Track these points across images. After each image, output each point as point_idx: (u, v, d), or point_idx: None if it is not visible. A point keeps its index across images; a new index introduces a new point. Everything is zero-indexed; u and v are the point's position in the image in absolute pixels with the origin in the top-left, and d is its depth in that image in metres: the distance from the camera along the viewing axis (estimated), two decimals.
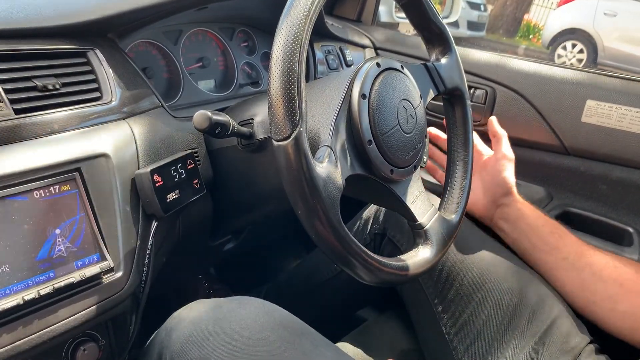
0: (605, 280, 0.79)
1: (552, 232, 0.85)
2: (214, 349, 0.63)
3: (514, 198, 0.90)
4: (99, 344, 0.65)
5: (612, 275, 0.79)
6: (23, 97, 0.62)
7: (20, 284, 0.55)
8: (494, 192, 0.91)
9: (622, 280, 0.78)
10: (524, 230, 0.88)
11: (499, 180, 0.90)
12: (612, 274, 0.79)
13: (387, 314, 1.00)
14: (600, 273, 0.80)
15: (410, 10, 0.77)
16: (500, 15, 8.10)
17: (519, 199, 0.90)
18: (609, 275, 0.79)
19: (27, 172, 0.57)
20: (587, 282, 0.80)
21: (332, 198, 0.55)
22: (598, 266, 0.80)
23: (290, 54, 0.53)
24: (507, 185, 0.90)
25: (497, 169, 0.91)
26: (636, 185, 1.06)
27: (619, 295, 0.77)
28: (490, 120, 0.97)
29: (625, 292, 0.77)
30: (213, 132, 0.68)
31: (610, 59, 6.01)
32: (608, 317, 0.79)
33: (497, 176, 0.91)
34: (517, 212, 0.89)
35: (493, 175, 0.91)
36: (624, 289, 0.77)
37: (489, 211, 0.92)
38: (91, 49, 0.73)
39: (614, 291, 0.78)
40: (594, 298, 0.80)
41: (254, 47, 1.10)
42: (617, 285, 0.78)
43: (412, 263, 0.66)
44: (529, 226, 0.87)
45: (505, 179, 0.90)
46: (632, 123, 1.04)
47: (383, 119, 0.64)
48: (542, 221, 0.87)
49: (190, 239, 0.85)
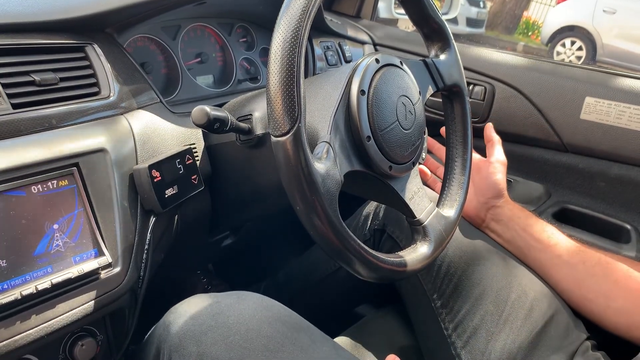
0: (599, 278, 0.79)
1: (544, 230, 0.86)
2: (212, 343, 0.63)
3: (505, 200, 0.91)
4: (97, 339, 0.65)
5: (605, 272, 0.79)
6: (21, 91, 0.62)
7: (18, 278, 0.55)
8: (485, 194, 0.92)
9: (616, 277, 0.78)
10: (516, 230, 0.88)
11: (491, 182, 0.91)
12: (606, 271, 0.79)
13: (385, 309, 1.00)
14: (593, 270, 0.80)
15: (410, 7, 0.77)
16: (500, 12, 8.10)
17: (510, 201, 0.91)
18: (603, 273, 0.79)
19: (24, 167, 0.57)
20: (582, 280, 0.81)
21: (331, 194, 0.55)
22: (591, 263, 0.81)
23: (289, 49, 0.52)
24: (498, 187, 0.91)
25: (489, 171, 0.91)
26: (634, 183, 1.06)
27: (613, 292, 0.78)
28: (486, 126, 0.97)
29: (620, 289, 0.77)
30: (211, 127, 0.68)
31: (609, 57, 6.02)
32: (603, 313, 0.79)
33: (489, 178, 0.91)
34: (509, 212, 0.90)
35: (486, 177, 0.92)
36: (618, 286, 0.77)
37: (480, 212, 0.93)
38: (89, 44, 0.73)
39: (608, 288, 0.78)
40: (589, 295, 0.80)
41: (253, 43, 1.10)
42: (611, 282, 0.78)
43: (410, 259, 0.66)
44: (521, 226, 0.88)
45: (497, 182, 0.91)
46: (631, 120, 1.04)
47: (382, 115, 0.64)
48: (533, 221, 0.88)
49: (188, 234, 0.85)
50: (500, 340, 0.77)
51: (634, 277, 0.77)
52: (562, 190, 1.15)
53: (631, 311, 0.76)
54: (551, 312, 0.79)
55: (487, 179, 0.92)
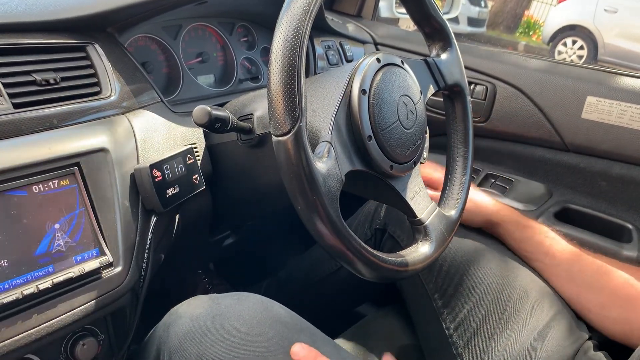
0: (596, 289, 0.80)
1: (542, 242, 0.85)
2: (212, 344, 0.63)
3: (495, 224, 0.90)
4: (98, 339, 0.66)
5: (602, 284, 0.79)
6: (22, 91, 0.62)
7: (19, 278, 0.55)
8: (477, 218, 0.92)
9: (613, 287, 0.78)
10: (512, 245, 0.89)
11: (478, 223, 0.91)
12: (602, 282, 0.79)
13: (387, 309, 1.00)
14: (590, 280, 0.80)
15: (411, 6, 0.77)
16: (501, 12, 8.09)
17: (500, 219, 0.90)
18: (601, 284, 0.79)
19: (26, 166, 0.57)
20: (580, 290, 0.81)
21: (332, 193, 0.55)
22: (589, 273, 0.81)
23: (290, 49, 0.52)
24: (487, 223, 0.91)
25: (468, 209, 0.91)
26: (636, 182, 1.06)
27: (610, 302, 0.78)
28: None
29: (617, 299, 0.77)
30: (212, 127, 0.68)
31: (611, 56, 6.01)
32: (602, 322, 0.79)
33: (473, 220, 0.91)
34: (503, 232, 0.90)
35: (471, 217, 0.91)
36: (615, 296, 0.78)
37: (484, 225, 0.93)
38: (90, 44, 0.73)
39: (606, 300, 0.78)
40: (588, 306, 0.81)
41: (254, 42, 1.10)
42: (608, 294, 0.78)
43: (411, 259, 0.66)
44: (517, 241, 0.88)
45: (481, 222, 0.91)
46: (633, 119, 1.04)
47: (383, 115, 0.64)
48: (529, 233, 0.87)
49: (189, 234, 0.85)
50: (502, 340, 0.77)
51: (631, 285, 0.77)
52: (564, 190, 1.15)
53: (628, 320, 0.76)
54: (552, 312, 0.79)
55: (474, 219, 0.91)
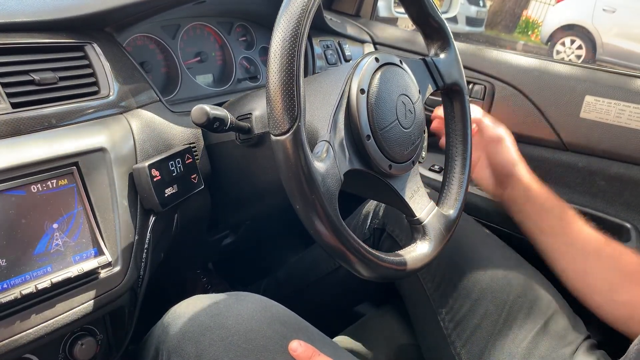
0: (609, 269, 0.78)
1: (561, 217, 0.84)
2: (210, 344, 0.63)
3: (517, 179, 0.88)
4: (96, 339, 0.65)
5: (617, 265, 0.78)
6: (20, 91, 0.62)
7: (17, 278, 0.55)
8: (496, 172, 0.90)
9: (627, 271, 0.77)
10: (529, 213, 0.87)
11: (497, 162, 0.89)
12: (618, 264, 0.78)
13: (385, 308, 1.00)
14: (605, 261, 0.79)
15: (410, 5, 0.77)
16: (499, 11, 8.08)
17: (524, 179, 0.88)
18: (614, 265, 0.78)
19: (24, 166, 0.57)
20: (590, 269, 0.80)
21: (331, 193, 0.55)
22: (605, 253, 0.79)
23: (289, 48, 0.52)
24: (506, 167, 0.88)
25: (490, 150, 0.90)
26: (634, 181, 1.06)
27: (620, 285, 0.77)
28: None
29: (627, 282, 0.76)
30: (211, 126, 0.68)
31: (609, 55, 6.01)
32: (606, 305, 0.78)
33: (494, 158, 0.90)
34: (523, 194, 0.87)
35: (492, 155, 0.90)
36: (626, 280, 0.77)
37: (498, 190, 0.91)
38: (89, 43, 0.72)
39: (616, 281, 0.77)
40: (595, 285, 0.79)
41: (253, 42, 1.10)
42: (621, 275, 0.77)
43: (410, 258, 0.66)
44: (536, 210, 0.86)
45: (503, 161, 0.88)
46: (631, 119, 1.04)
47: (382, 114, 0.64)
48: (549, 204, 0.85)
49: (188, 233, 0.85)
50: (500, 339, 0.77)
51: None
52: (562, 189, 1.15)
53: (634, 304, 0.75)
54: (551, 311, 0.79)
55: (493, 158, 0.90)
